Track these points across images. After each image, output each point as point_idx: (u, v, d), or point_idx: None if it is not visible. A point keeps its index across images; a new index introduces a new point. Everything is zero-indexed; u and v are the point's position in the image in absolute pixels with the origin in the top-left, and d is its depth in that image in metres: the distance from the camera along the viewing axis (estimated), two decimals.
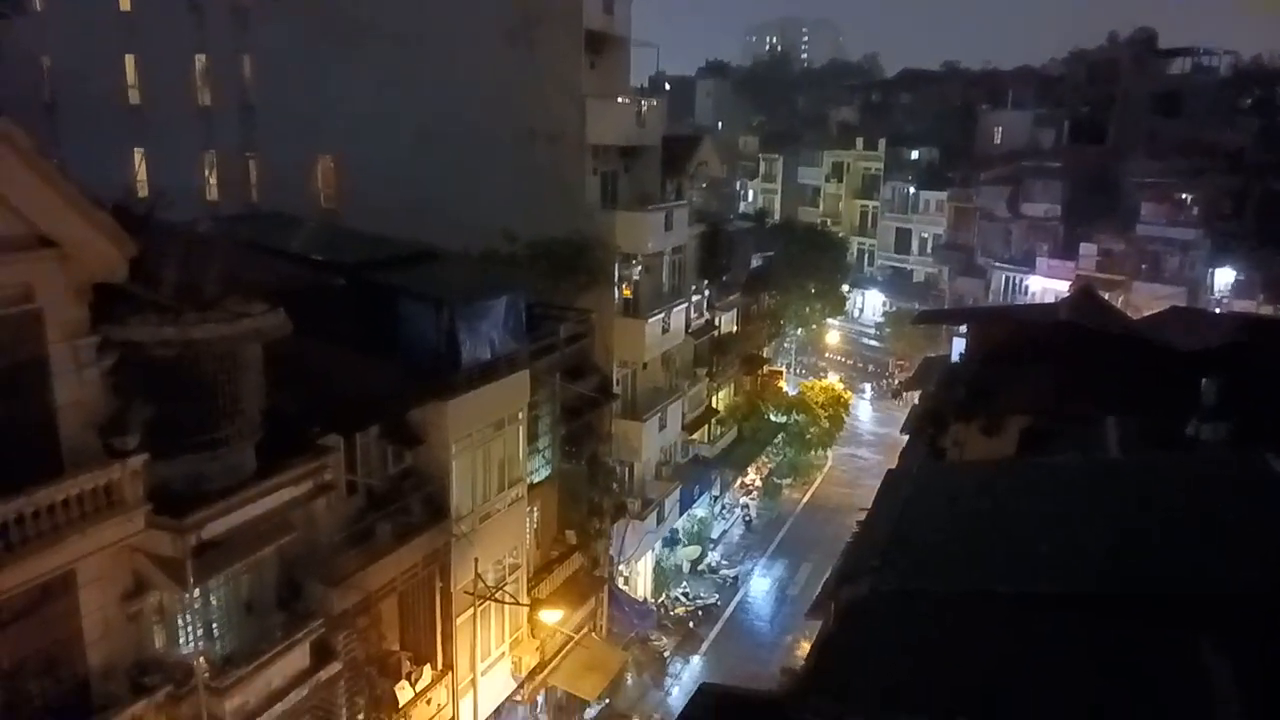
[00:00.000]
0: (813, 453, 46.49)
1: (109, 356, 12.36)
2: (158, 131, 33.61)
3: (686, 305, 34.14)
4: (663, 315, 31.48)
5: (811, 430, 44.43)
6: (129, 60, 34.65)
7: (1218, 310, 38.06)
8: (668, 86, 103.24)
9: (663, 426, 32.27)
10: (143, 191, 32.54)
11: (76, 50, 34.43)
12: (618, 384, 30.28)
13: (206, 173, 33.87)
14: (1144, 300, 44.09)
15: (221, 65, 33.35)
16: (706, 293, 37.32)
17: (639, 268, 30.62)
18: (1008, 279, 57.90)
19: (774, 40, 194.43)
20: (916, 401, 28.68)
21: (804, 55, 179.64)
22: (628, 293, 30.71)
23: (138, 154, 34.42)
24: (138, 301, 12.97)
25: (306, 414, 15.74)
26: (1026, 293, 55.09)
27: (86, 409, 12.20)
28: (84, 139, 32.02)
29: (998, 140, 68.09)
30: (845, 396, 47.91)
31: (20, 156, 10.48)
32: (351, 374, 17.56)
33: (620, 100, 31.31)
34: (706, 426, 37.98)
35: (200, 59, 33.77)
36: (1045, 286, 52.63)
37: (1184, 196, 48.92)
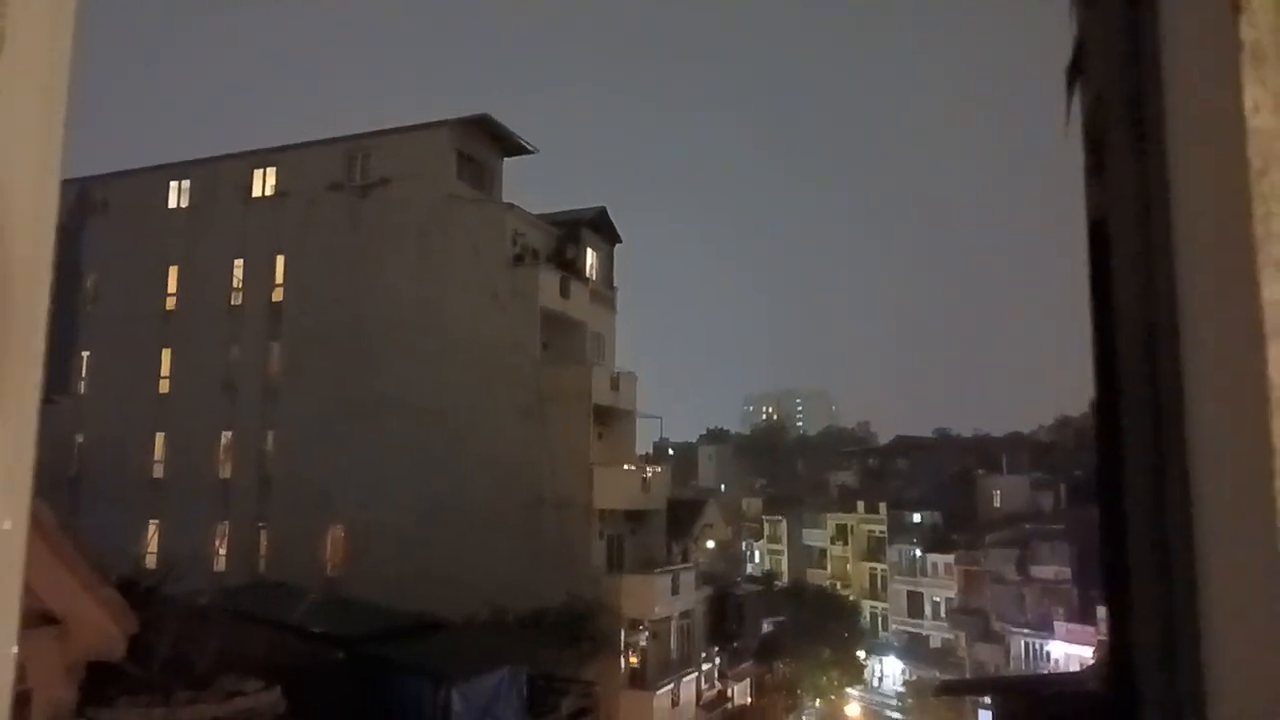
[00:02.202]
0: None
1: None
2: (175, 503, 34.48)
3: (697, 675, 32.76)
4: (672, 686, 30.14)
5: None
6: (159, 438, 36.45)
7: None
8: (671, 452, 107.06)
9: None
10: (152, 561, 32.81)
11: (109, 428, 36.35)
12: None
13: (217, 543, 34.22)
14: None
15: (246, 440, 35.02)
16: (717, 661, 35.97)
17: (646, 634, 29.86)
18: (1027, 644, 55.81)
19: (770, 409, 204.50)
20: None
21: (800, 423, 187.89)
22: (634, 662, 29.66)
23: (152, 525, 35.02)
24: (129, 680, 12.62)
25: None
26: (1048, 659, 52.80)
27: None
28: (102, 510, 32.80)
29: (998, 504, 69.08)
30: None
31: (43, 536, 10.78)
32: None
33: (626, 468, 32.46)
34: None
35: (227, 435, 35.53)
36: (1067, 652, 50.58)
37: None
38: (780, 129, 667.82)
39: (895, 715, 65.42)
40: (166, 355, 37.11)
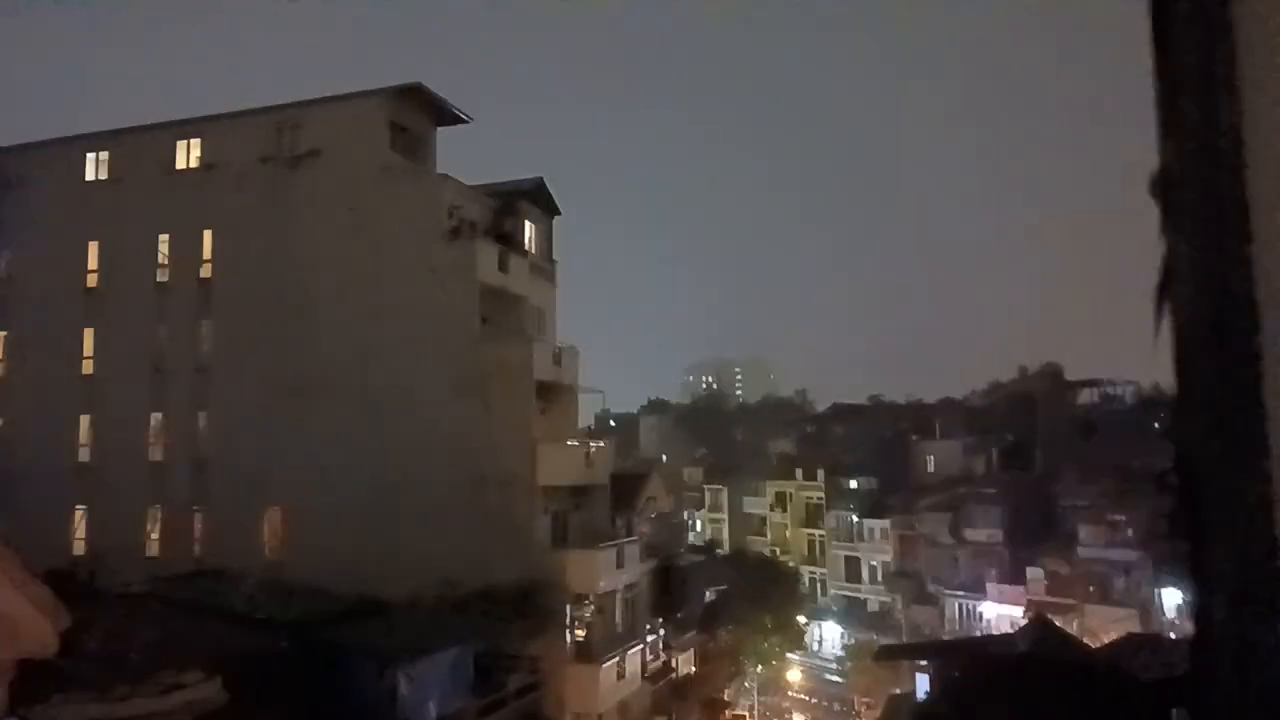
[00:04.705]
0: None
1: None
2: (104, 489, 33.38)
3: (642, 647, 33.03)
4: (617, 659, 30.34)
5: None
6: (84, 420, 35.16)
7: (1173, 634, 37.86)
8: (613, 423, 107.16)
9: None
10: (80, 548, 31.85)
11: (31, 412, 34.94)
12: None
13: (149, 528, 33.24)
14: (1098, 624, 43.86)
15: (177, 422, 33.99)
16: (662, 632, 36.29)
17: (591, 609, 29.95)
18: (961, 606, 57.48)
19: (710, 379, 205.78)
20: None
21: (739, 391, 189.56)
22: (580, 636, 29.77)
23: (79, 512, 33.88)
24: (63, 677, 12.21)
25: None
26: (981, 620, 54.52)
27: None
28: (26, 497, 31.66)
29: (931, 468, 70.69)
30: None
31: None
32: None
33: (570, 443, 32.36)
34: None
35: (157, 417, 34.43)
36: (999, 613, 52.26)
37: (1117, 518, 50.49)
38: (716, 97, 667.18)
39: (835, 678, 66.90)
40: (89, 335, 35.74)
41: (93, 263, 36.23)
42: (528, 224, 36.07)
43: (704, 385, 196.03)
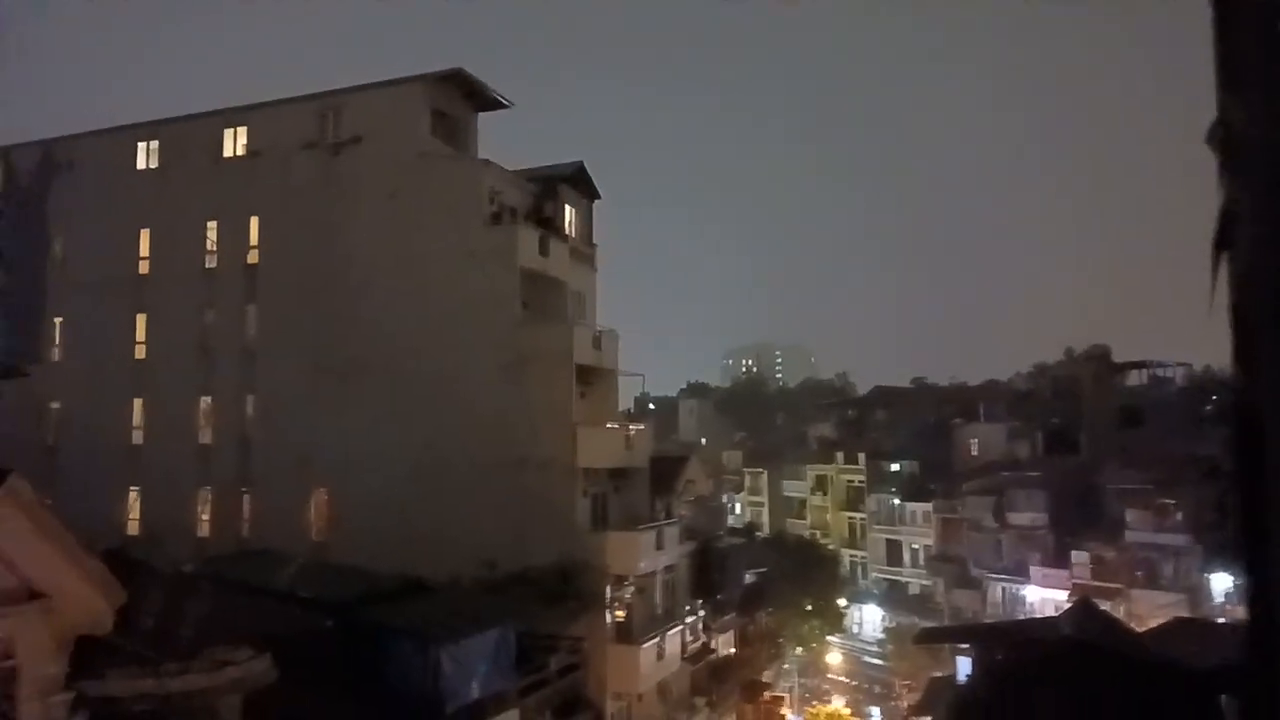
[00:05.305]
0: None
1: (81, 714, 11.79)
2: (156, 470, 34.23)
3: (681, 628, 33.18)
4: (657, 640, 30.50)
5: None
6: (137, 403, 36.03)
7: (1222, 620, 37.18)
8: (652, 406, 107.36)
9: None
10: (134, 528, 32.71)
11: (86, 395, 35.90)
12: (612, 718, 28.65)
13: (199, 509, 34.04)
14: (1145, 609, 43.16)
15: (225, 405, 34.68)
16: (701, 613, 36.41)
17: (631, 590, 30.13)
18: (1004, 590, 56.90)
19: (750, 362, 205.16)
20: None
21: (779, 375, 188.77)
22: (620, 617, 29.97)
23: (133, 492, 34.79)
24: (117, 652, 12.61)
25: None
26: (1024, 603, 53.93)
27: None
28: (81, 477, 32.55)
29: (975, 452, 69.89)
30: None
31: (25, 512, 10.67)
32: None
33: (609, 426, 32.49)
34: None
35: (206, 400, 35.17)
36: (1042, 597, 51.64)
37: (1167, 503, 49.55)
38: (759, 79, 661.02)
39: (875, 661, 66.65)
40: (141, 320, 36.56)
41: (144, 249, 37.01)
42: (568, 208, 36.13)
43: (744, 369, 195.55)
